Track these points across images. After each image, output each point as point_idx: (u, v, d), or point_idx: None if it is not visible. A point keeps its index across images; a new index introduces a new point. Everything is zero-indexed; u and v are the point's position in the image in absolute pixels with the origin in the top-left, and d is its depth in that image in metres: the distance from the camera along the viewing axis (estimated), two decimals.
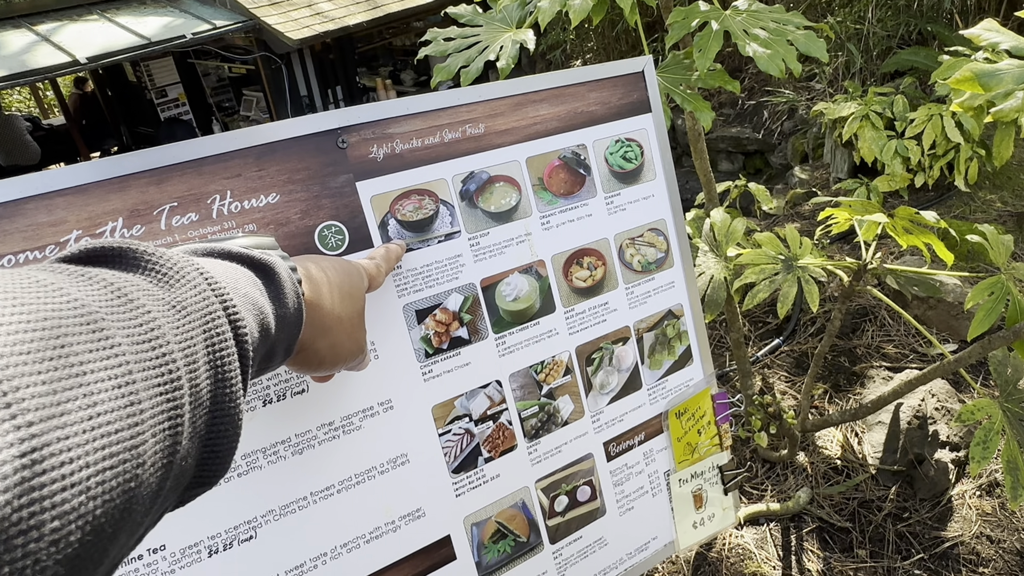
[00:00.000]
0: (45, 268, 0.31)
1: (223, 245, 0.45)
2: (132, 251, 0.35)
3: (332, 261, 0.59)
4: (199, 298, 0.35)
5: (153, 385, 0.29)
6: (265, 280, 0.45)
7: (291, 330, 0.47)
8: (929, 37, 3.81)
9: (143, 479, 0.27)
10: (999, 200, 3.02)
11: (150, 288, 0.33)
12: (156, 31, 5.54)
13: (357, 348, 0.58)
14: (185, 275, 0.36)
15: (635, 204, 0.87)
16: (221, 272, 0.40)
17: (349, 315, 0.56)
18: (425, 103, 0.74)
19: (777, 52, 1.29)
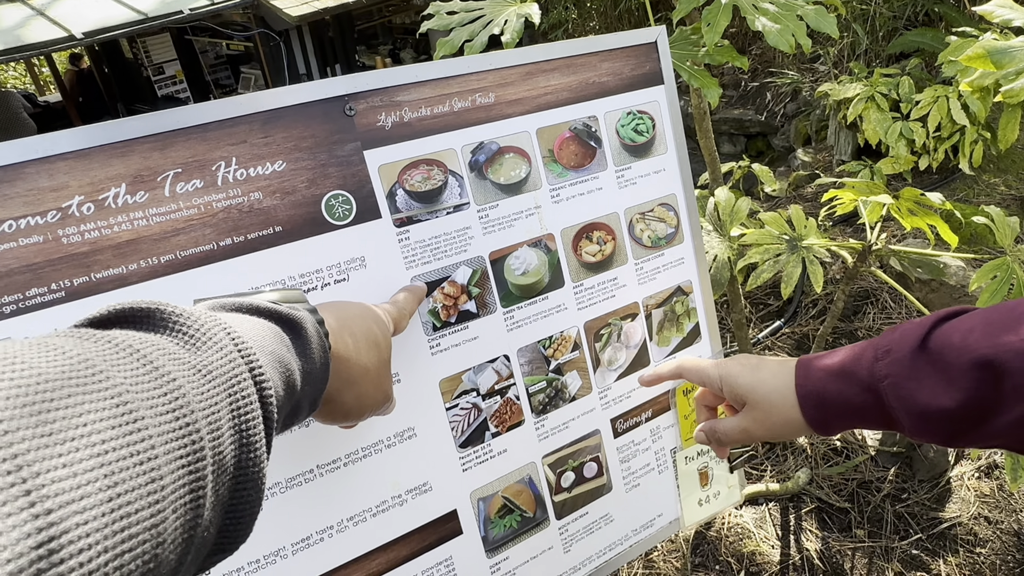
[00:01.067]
0: (70, 335, 0.30)
1: (251, 300, 0.45)
2: (160, 311, 0.35)
3: (358, 308, 0.58)
4: (225, 360, 0.35)
5: (176, 458, 0.29)
6: (292, 335, 0.45)
7: (317, 385, 0.47)
8: (936, 18, 3.77)
9: (163, 558, 0.27)
10: (1003, 183, 3.01)
11: (176, 351, 0.33)
12: (153, 6, 5.46)
13: (383, 397, 0.57)
14: (212, 336, 0.35)
15: (646, 178, 0.85)
16: (248, 329, 0.40)
17: (375, 364, 0.55)
18: (434, 70, 0.72)
19: (787, 27, 1.27)
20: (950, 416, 0.49)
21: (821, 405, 0.58)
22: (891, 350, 0.53)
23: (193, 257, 0.63)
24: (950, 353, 0.49)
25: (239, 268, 0.64)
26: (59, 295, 0.58)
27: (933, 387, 0.49)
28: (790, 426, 0.61)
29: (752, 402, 0.63)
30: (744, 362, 0.66)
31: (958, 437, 0.50)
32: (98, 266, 0.59)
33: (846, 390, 0.56)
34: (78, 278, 0.59)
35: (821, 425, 0.59)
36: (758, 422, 0.63)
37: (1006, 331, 0.46)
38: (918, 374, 0.51)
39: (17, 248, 0.57)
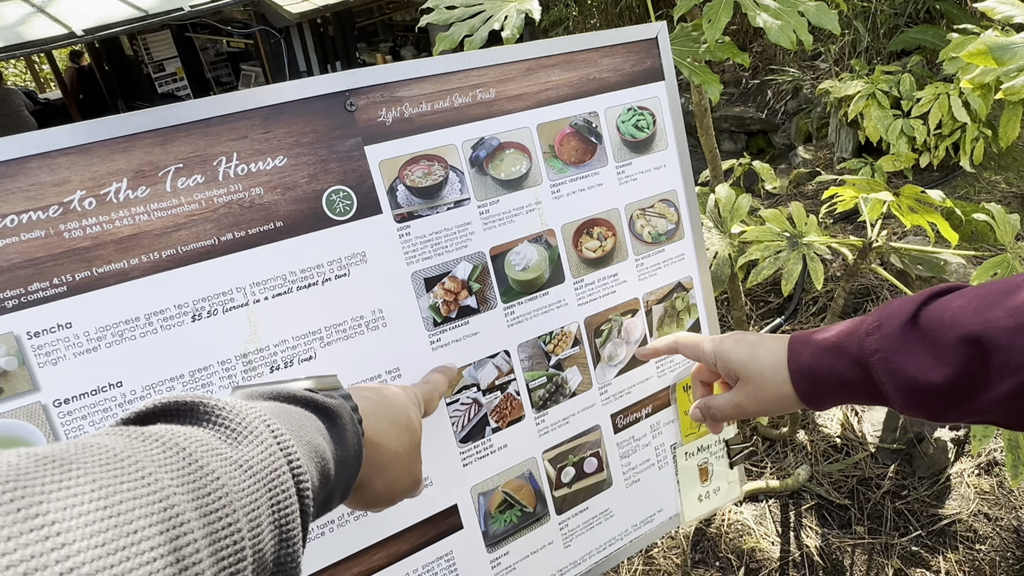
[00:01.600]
0: (117, 434, 0.32)
1: (288, 387, 0.46)
2: (203, 405, 0.36)
3: (391, 391, 0.58)
4: (265, 455, 0.36)
5: (219, 559, 0.30)
6: (328, 424, 0.45)
7: (350, 472, 0.47)
8: (937, 15, 3.76)
9: None
10: (1004, 181, 3.01)
11: (218, 446, 0.34)
12: (154, 3, 5.46)
13: (413, 482, 0.57)
14: (252, 429, 0.36)
15: (646, 174, 0.85)
16: (286, 420, 0.41)
17: (406, 449, 0.55)
18: (435, 66, 0.72)
19: (788, 23, 1.27)
20: (938, 391, 0.49)
21: (813, 380, 0.59)
22: (881, 325, 0.53)
23: (194, 252, 0.63)
24: (939, 329, 0.49)
25: (240, 263, 0.64)
26: (61, 289, 0.58)
27: (922, 362, 0.50)
28: (782, 401, 0.62)
29: (745, 377, 0.64)
30: (739, 338, 0.67)
31: (946, 412, 0.51)
32: (100, 261, 0.60)
33: (837, 365, 0.56)
34: (80, 272, 0.59)
35: (813, 399, 0.60)
36: (751, 397, 0.64)
37: (994, 307, 0.46)
38: (907, 349, 0.51)
39: (19, 243, 0.57)
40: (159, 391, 0.62)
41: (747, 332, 0.68)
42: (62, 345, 0.59)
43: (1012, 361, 0.44)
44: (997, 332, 0.45)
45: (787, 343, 0.61)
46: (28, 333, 0.57)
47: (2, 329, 0.57)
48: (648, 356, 0.84)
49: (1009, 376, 0.45)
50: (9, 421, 0.57)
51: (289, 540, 0.36)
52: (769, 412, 0.65)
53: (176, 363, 0.63)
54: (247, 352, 0.65)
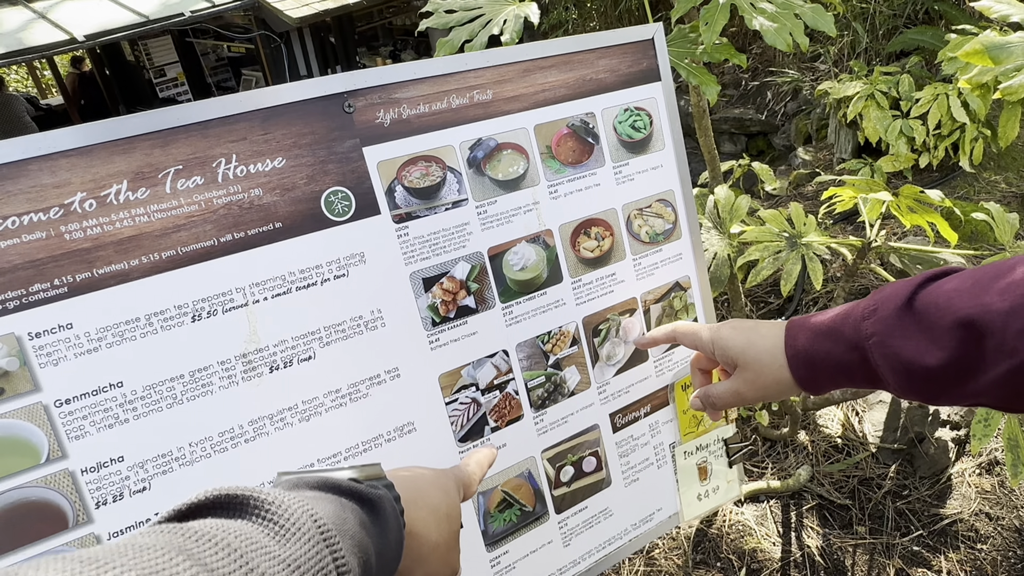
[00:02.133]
0: (164, 531, 0.32)
1: (333, 477, 0.46)
2: (253, 499, 0.37)
3: (431, 477, 0.58)
4: (312, 552, 0.36)
5: None
6: (371, 516, 0.45)
7: (390, 565, 0.47)
8: (936, 16, 3.77)
9: None
10: (1003, 181, 3.01)
11: (266, 543, 0.35)
12: (155, 9, 5.48)
13: (450, 572, 0.56)
14: (300, 527, 0.37)
15: (643, 174, 0.86)
16: (331, 513, 0.41)
17: (446, 539, 0.55)
18: (432, 68, 0.72)
19: (784, 26, 1.28)
20: (933, 374, 0.49)
21: (810, 364, 0.59)
22: (877, 309, 0.54)
23: (194, 253, 0.63)
24: (934, 312, 0.49)
25: (240, 264, 0.65)
26: (62, 290, 0.59)
27: (917, 345, 0.50)
28: (780, 386, 0.62)
29: (743, 363, 0.64)
30: (736, 325, 0.67)
31: (941, 395, 0.51)
32: (100, 262, 0.60)
33: (834, 349, 0.57)
34: (80, 274, 0.59)
35: (810, 384, 0.60)
36: (749, 383, 0.64)
37: (988, 290, 0.46)
38: (903, 332, 0.51)
39: (20, 244, 0.57)
40: (159, 391, 0.63)
41: (744, 319, 0.68)
42: (63, 346, 0.59)
43: (1006, 344, 0.45)
44: (991, 315, 0.45)
45: (784, 328, 0.62)
46: (29, 334, 0.58)
47: (3, 330, 0.57)
48: (647, 345, 0.85)
49: (1003, 359, 0.45)
50: (10, 421, 0.58)
51: None
52: (768, 397, 0.65)
53: (176, 363, 0.63)
54: (247, 352, 0.66)
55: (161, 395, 0.63)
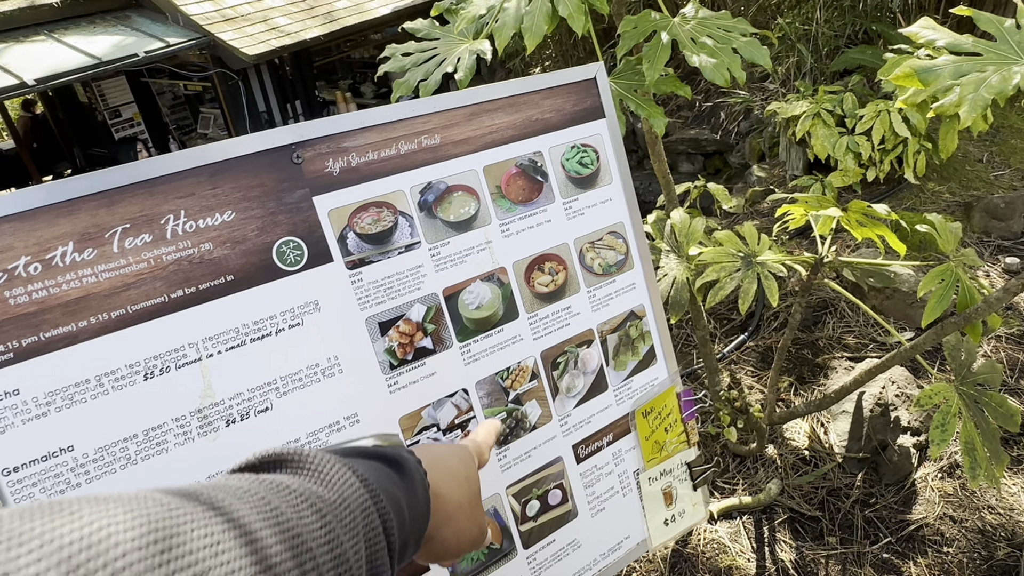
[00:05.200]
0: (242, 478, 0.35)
1: (358, 444, 0.49)
2: (297, 456, 0.40)
3: (446, 448, 0.60)
4: (356, 496, 0.39)
5: None
6: (399, 474, 0.47)
7: (421, 522, 0.49)
8: (874, 36, 3.94)
9: None
10: (947, 191, 3.13)
11: (319, 491, 0.37)
12: (107, 50, 5.42)
13: (479, 531, 0.58)
14: (342, 476, 0.40)
15: (593, 208, 0.88)
16: (365, 468, 0.43)
17: (468, 500, 0.57)
18: (380, 116, 0.74)
19: (723, 61, 1.32)
20: None
21: None
22: None
23: (144, 311, 0.63)
24: None
25: (191, 319, 0.65)
26: (7, 356, 0.58)
27: None
28: None
29: None
30: None
31: None
32: (47, 325, 0.59)
33: None
34: (26, 338, 0.59)
35: None
36: None
37: None
38: None
39: None
40: (112, 452, 0.62)
41: None
42: (10, 413, 0.58)
43: None
44: None
45: None
46: None
47: None
48: None
49: None
50: None
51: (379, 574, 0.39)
52: None
53: (129, 423, 0.62)
54: (202, 407, 0.65)
55: (115, 456, 0.62)
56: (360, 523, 0.38)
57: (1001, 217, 2.73)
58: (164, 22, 6.05)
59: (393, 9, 6.97)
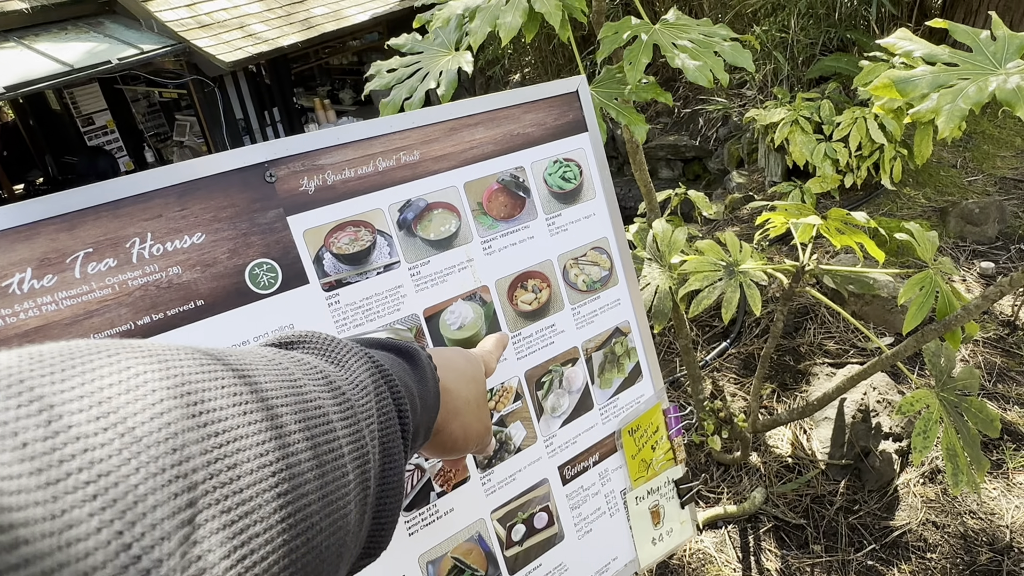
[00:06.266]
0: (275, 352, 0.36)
1: (373, 335, 0.50)
2: (312, 337, 0.41)
3: (453, 350, 0.62)
4: (371, 378, 0.40)
5: (354, 459, 0.34)
6: (411, 365, 0.48)
7: (431, 412, 0.50)
8: (849, 44, 3.99)
9: (346, 544, 0.32)
10: (922, 196, 3.17)
11: (339, 373, 0.38)
12: (79, 57, 5.32)
13: (484, 428, 0.60)
14: (357, 358, 0.40)
15: (576, 224, 0.86)
16: (382, 358, 0.44)
17: (475, 397, 0.58)
18: (356, 132, 0.72)
19: (705, 63, 1.32)
20: None
21: None
22: None
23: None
24: None
25: None
26: None
27: None
28: None
29: None
30: None
31: None
32: None
33: None
34: None
35: None
36: None
37: None
38: None
39: None
40: None
41: None
42: None
43: None
44: None
45: None
46: None
47: None
48: None
49: None
50: None
51: (394, 457, 0.39)
52: None
53: None
54: None
55: None
56: (374, 405, 0.38)
57: (976, 222, 2.77)
58: (138, 28, 5.96)
59: (371, 16, 6.93)
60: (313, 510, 0.28)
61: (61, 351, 0.24)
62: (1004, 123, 3.71)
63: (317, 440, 0.31)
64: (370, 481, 0.35)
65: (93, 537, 0.19)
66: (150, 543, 0.20)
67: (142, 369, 0.25)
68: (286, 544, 0.26)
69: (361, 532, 0.35)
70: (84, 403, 0.22)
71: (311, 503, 0.28)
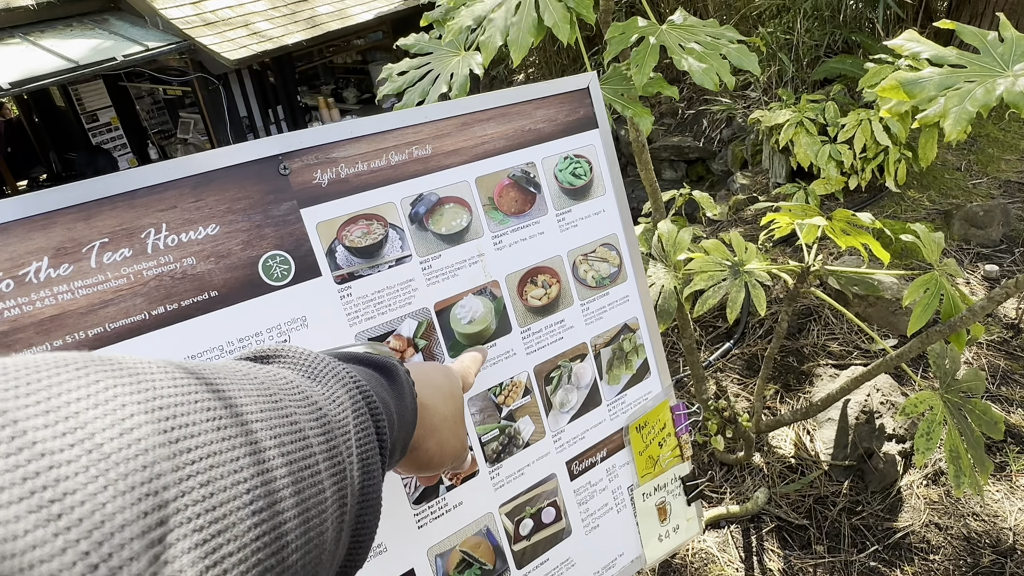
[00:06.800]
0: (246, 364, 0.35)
1: (348, 350, 0.49)
2: (289, 352, 0.40)
3: (431, 365, 0.62)
4: (349, 394, 0.39)
5: (331, 475, 0.33)
6: (389, 381, 0.48)
7: (408, 429, 0.49)
8: (854, 46, 3.99)
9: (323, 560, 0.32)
10: (927, 199, 3.17)
11: (308, 385, 0.37)
12: (84, 54, 5.33)
13: (461, 445, 0.59)
14: (335, 374, 0.40)
15: (586, 220, 0.86)
16: (360, 374, 0.43)
17: (452, 414, 0.58)
18: (370, 126, 0.72)
19: (711, 66, 1.32)
20: None
21: None
22: None
23: (123, 329, 0.60)
24: None
25: (173, 336, 0.62)
26: None
27: None
28: None
29: None
30: None
31: None
32: (20, 344, 0.57)
33: None
34: None
35: None
36: None
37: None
38: None
39: None
40: None
41: None
42: None
43: None
44: None
45: None
46: None
47: None
48: None
49: None
50: None
51: (372, 473, 0.39)
52: None
53: None
54: None
55: None
56: (351, 422, 0.38)
57: (980, 225, 2.77)
58: (143, 25, 5.97)
59: (376, 15, 6.94)
60: (288, 528, 0.28)
61: (27, 364, 0.23)
62: (1009, 126, 3.71)
63: (293, 457, 0.30)
64: (347, 498, 0.35)
65: (57, 559, 0.18)
66: (118, 563, 0.19)
67: (112, 383, 0.24)
68: (260, 564, 0.25)
69: (338, 550, 0.34)
70: (50, 418, 0.21)
71: (287, 521, 0.28)
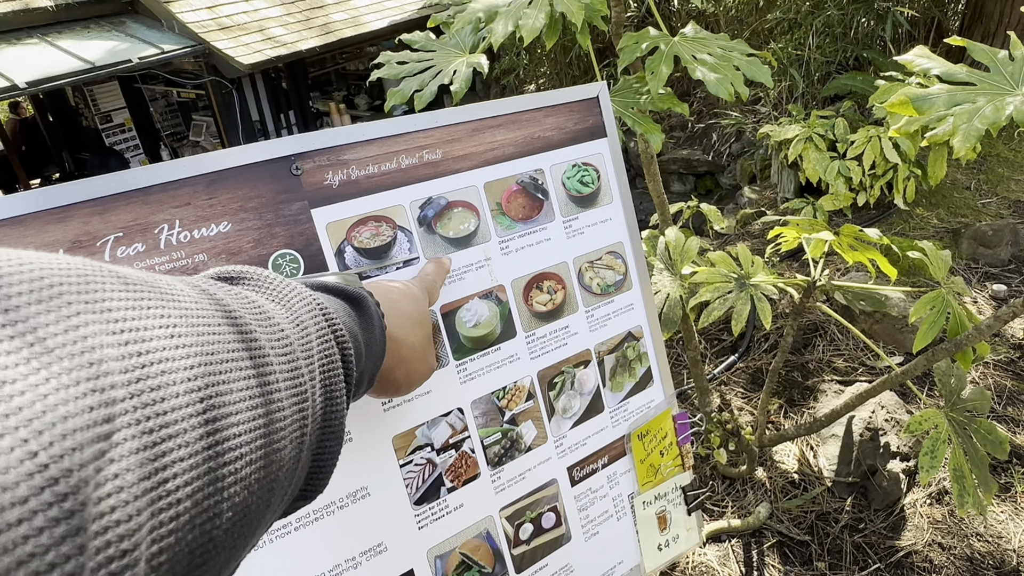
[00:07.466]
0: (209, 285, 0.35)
1: (319, 279, 0.50)
2: (255, 274, 0.40)
3: (401, 289, 0.61)
4: (314, 320, 0.39)
5: (291, 395, 0.33)
6: (358, 311, 0.48)
7: (376, 360, 0.50)
8: (865, 63, 4.00)
9: (278, 482, 0.31)
10: (935, 217, 3.17)
11: (274, 308, 0.37)
12: (100, 55, 5.40)
13: (428, 370, 0.61)
14: (302, 298, 0.40)
15: (593, 227, 0.87)
16: (329, 303, 0.43)
17: (421, 342, 0.59)
18: (381, 129, 0.73)
19: (726, 76, 1.33)
20: None
21: None
22: None
23: None
24: None
25: None
26: None
27: None
28: None
29: None
30: None
31: None
32: None
33: None
34: None
35: None
36: None
37: None
38: None
39: None
40: None
41: None
42: None
43: None
44: None
45: None
46: None
47: None
48: None
49: None
50: None
51: (335, 399, 0.39)
52: None
53: None
54: None
55: None
56: (316, 347, 0.38)
57: (988, 244, 2.76)
58: (159, 29, 6.04)
59: (390, 23, 7.00)
60: (242, 440, 0.28)
61: None
62: (1019, 146, 3.70)
63: (248, 373, 0.30)
64: (307, 420, 0.35)
65: None
66: (59, 452, 0.19)
67: (57, 280, 0.23)
68: (211, 472, 0.25)
69: (297, 471, 0.34)
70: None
71: (241, 433, 0.28)
